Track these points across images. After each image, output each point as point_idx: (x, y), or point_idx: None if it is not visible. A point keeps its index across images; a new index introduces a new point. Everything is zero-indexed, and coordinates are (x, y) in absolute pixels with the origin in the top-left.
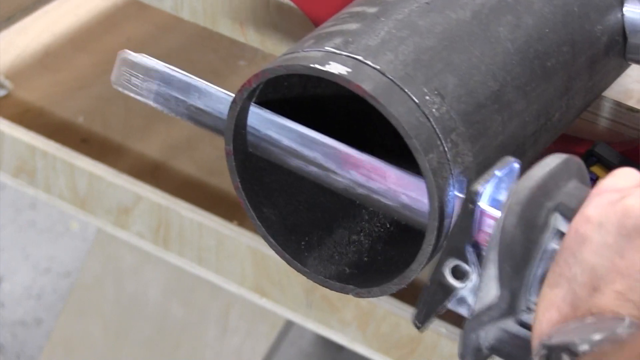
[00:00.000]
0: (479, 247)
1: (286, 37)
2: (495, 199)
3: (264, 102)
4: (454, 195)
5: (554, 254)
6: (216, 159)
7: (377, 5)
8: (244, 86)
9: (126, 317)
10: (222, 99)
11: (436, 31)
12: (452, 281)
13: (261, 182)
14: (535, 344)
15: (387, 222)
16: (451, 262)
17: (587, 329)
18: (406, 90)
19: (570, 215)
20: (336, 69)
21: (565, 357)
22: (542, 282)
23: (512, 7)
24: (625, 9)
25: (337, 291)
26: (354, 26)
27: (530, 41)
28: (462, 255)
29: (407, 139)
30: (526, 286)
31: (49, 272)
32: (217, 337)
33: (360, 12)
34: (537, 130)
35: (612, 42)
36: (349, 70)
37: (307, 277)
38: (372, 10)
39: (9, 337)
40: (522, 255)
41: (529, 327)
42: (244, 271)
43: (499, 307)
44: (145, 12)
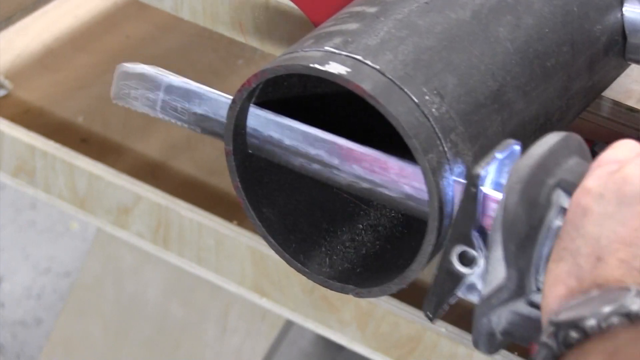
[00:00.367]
0: (485, 232)
1: (286, 37)
2: (498, 183)
3: (263, 102)
4: (454, 182)
5: (559, 231)
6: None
7: (377, 5)
8: (243, 86)
9: (126, 317)
10: (223, 103)
11: (436, 31)
12: (460, 268)
13: (261, 182)
14: (544, 322)
15: (387, 222)
16: (458, 249)
17: (593, 302)
18: (405, 90)
19: (571, 190)
20: (336, 68)
21: (573, 333)
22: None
23: (511, 7)
24: (624, 9)
25: (337, 291)
26: (353, 26)
27: (530, 41)
28: (468, 241)
29: (407, 138)
30: (535, 266)
31: (49, 272)
32: (216, 337)
33: (359, 12)
34: (537, 130)
35: (611, 42)
36: (349, 70)
37: (307, 277)
38: (372, 10)
39: (9, 337)
40: (527, 233)
41: (540, 307)
42: (243, 271)
43: (507, 288)
44: (145, 12)
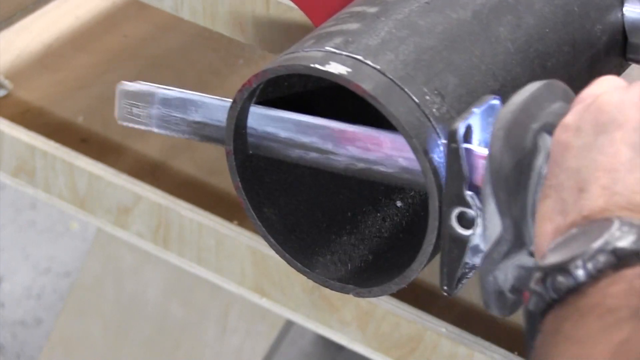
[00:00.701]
0: (479, 190)
1: (286, 37)
2: (485, 141)
3: (264, 102)
4: (439, 143)
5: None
6: (216, 159)
7: (378, 5)
8: (244, 86)
9: (126, 317)
10: (220, 107)
11: (436, 31)
12: (461, 230)
13: (261, 182)
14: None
15: (387, 221)
16: (456, 211)
17: (578, 240)
18: (406, 90)
19: None
20: (336, 68)
21: (561, 278)
22: None
23: (512, 7)
24: (625, 9)
25: (337, 291)
26: (354, 26)
27: (530, 41)
28: (463, 202)
29: (408, 138)
30: (530, 215)
31: (49, 272)
32: (216, 337)
33: (360, 12)
34: None
35: (612, 42)
36: (349, 70)
37: (307, 277)
38: (373, 10)
39: (9, 337)
40: (516, 180)
41: None
42: (243, 271)
43: (505, 239)
44: (145, 12)
